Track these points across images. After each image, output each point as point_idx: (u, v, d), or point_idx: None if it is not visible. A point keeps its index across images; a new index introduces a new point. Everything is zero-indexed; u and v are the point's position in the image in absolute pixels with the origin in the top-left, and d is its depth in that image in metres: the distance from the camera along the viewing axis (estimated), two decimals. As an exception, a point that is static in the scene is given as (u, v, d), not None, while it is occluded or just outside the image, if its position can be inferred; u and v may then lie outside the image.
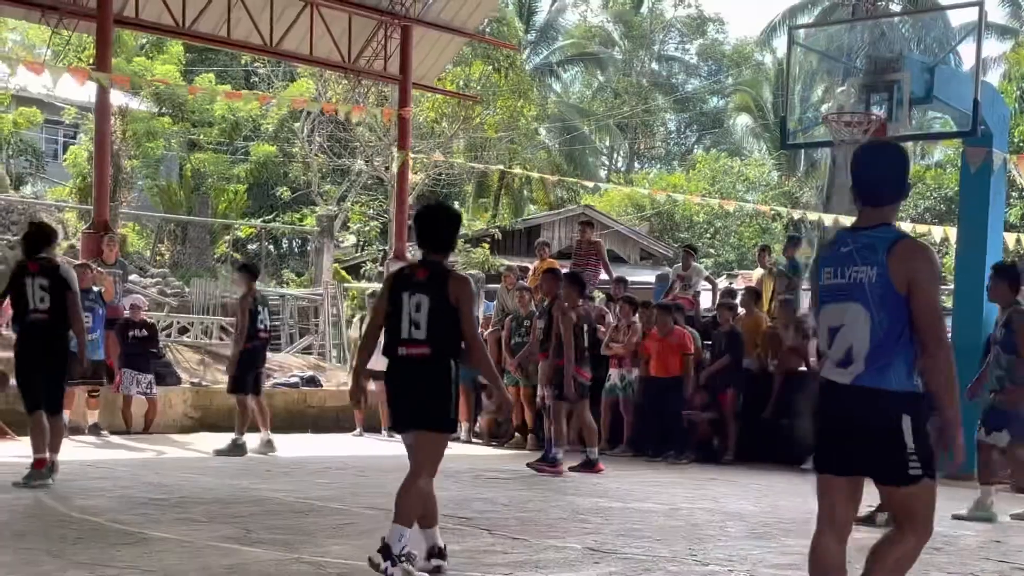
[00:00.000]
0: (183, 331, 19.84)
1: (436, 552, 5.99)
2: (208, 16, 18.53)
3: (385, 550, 5.57)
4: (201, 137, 33.15)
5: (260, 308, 12.91)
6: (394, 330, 5.87)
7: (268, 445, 12.77)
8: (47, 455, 9.01)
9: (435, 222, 6.04)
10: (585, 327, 12.17)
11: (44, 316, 9.02)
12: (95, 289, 14.17)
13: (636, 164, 55.84)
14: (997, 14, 42.12)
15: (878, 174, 4.53)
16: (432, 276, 5.85)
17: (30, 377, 9.18)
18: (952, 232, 15.61)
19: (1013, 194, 21.16)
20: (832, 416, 4.46)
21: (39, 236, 9.37)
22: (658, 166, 56.67)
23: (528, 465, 11.68)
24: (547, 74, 48.86)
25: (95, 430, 14.02)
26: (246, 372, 12.84)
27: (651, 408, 14.26)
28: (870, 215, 4.49)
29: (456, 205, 36.24)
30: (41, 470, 8.95)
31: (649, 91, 53.62)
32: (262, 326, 12.88)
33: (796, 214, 18.97)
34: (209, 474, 10.59)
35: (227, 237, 31.19)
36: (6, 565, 5.72)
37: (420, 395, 5.81)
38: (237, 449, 12.55)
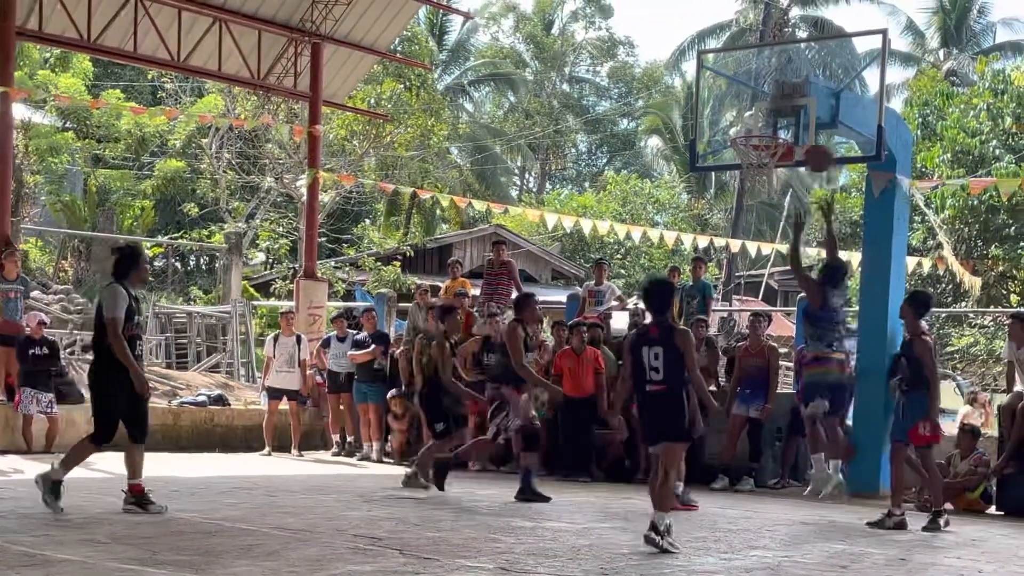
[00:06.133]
0: (87, 348, 19.42)
1: (668, 529, 7.65)
2: (114, 30, 18.18)
3: (654, 529, 7.51)
4: (106, 152, 32.58)
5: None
6: (640, 374, 7.90)
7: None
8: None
9: (663, 292, 8.11)
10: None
11: None
12: None
13: (548, 184, 56.18)
14: (900, 43, 43.42)
15: None
16: (662, 332, 7.87)
17: None
18: (856, 256, 15.93)
19: (915, 218, 21.62)
20: None
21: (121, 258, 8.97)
22: (569, 187, 57.10)
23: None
24: (459, 94, 48.93)
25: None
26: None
27: (565, 428, 14.20)
28: None
29: (367, 223, 36.12)
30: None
31: (560, 112, 54.06)
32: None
33: (702, 240, 19.10)
34: (113, 494, 10.34)
35: (133, 254, 30.59)
36: (-101, 590, 5.53)
37: (664, 418, 7.88)
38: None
